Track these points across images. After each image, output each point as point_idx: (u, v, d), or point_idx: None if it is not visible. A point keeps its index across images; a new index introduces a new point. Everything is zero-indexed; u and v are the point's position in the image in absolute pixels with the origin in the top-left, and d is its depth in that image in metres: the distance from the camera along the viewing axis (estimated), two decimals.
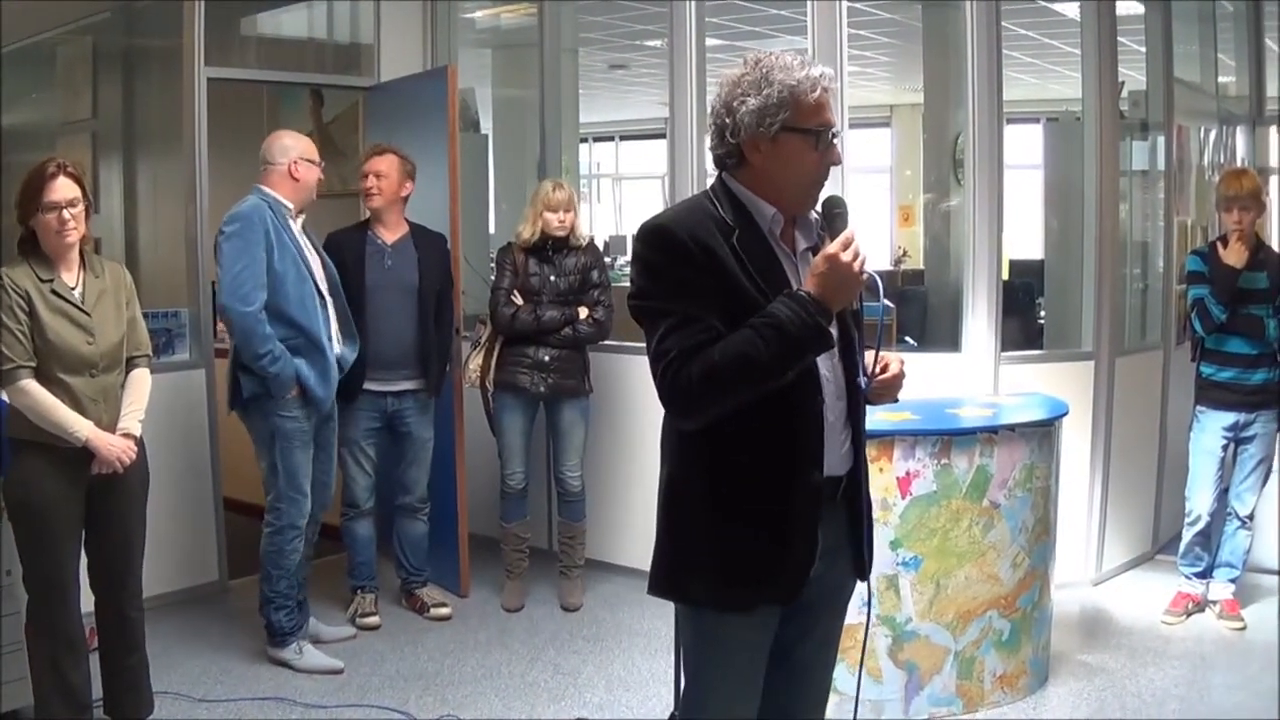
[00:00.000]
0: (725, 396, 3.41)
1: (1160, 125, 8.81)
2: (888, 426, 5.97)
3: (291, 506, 6.76)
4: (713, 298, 3.41)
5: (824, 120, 3.47)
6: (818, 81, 3.45)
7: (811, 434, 3.54)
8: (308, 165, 6.79)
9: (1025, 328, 9.25)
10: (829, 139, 3.49)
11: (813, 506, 3.55)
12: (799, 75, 3.43)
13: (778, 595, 3.60)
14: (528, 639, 7.35)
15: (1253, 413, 7.27)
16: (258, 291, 6.47)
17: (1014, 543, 6.15)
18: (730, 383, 3.37)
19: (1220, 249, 7.25)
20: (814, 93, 3.44)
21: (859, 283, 3.36)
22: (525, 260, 7.59)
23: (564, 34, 9.83)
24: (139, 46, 9.06)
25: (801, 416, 3.52)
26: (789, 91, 3.42)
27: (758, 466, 3.54)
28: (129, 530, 5.64)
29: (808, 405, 3.51)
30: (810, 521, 3.56)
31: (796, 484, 3.53)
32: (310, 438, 6.77)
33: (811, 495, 3.55)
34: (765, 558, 3.56)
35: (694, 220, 3.51)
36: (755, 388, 3.38)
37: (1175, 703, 6.32)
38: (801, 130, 3.45)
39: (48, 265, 5.32)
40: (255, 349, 6.46)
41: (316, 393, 6.62)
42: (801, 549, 3.56)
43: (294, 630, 6.91)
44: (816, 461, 3.55)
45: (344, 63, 9.40)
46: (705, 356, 3.36)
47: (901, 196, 20.16)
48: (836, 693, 6.06)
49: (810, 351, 3.38)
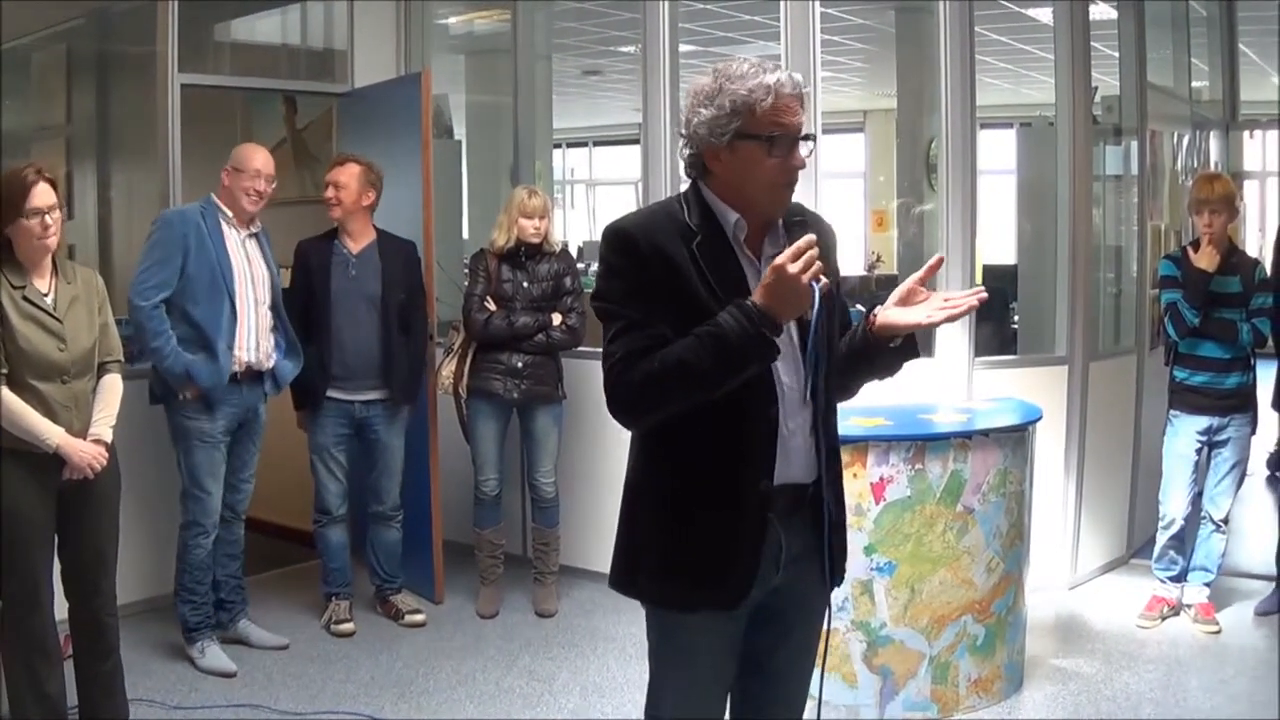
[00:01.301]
0: (664, 402, 3.46)
1: (1133, 130, 8.83)
2: (861, 432, 5.99)
3: (194, 504, 6.86)
4: (663, 303, 3.43)
5: (780, 126, 3.44)
6: (771, 88, 3.41)
7: (762, 442, 3.53)
8: (234, 173, 6.84)
9: (999, 332, 9.24)
10: (787, 144, 3.45)
11: (759, 514, 3.55)
12: (751, 84, 3.42)
13: (720, 600, 3.59)
14: (502, 645, 7.34)
15: (1226, 416, 7.29)
16: (158, 290, 6.64)
17: (988, 547, 6.16)
18: (668, 389, 3.41)
19: (1192, 253, 7.27)
20: (766, 99, 3.41)
21: (807, 295, 3.30)
22: (498, 266, 7.58)
23: (537, 40, 9.84)
24: (113, 52, 9.04)
25: (753, 424, 3.51)
26: (740, 101, 3.41)
27: (707, 471, 3.57)
28: (102, 536, 5.63)
29: (760, 413, 3.50)
30: (756, 529, 3.55)
31: (744, 491, 3.53)
32: (215, 439, 6.83)
33: (758, 503, 3.54)
34: (709, 562, 3.58)
35: (655, 224, 3.54)
36: (695, 395, 3.40)
37: (1150, 706, 6.33)
38: (754, 137, 3.44)
39: (20, 272, 5.30)
40: (148, 342, 6.65)
41: (203, 385, 6.68)
42: (747, 556, 3.56)
43: (198, 627, 6.96)
44: (766, 470, 3.54)
45: (317, 69, 9.39)
46: (648, 361, 3.40)
47: (875, 201, 20.22)
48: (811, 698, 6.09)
49: (752, 362, 3.33)
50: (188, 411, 6.74)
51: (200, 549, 6.88)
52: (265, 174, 6.88)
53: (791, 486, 3.59)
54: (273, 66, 9.52)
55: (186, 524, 6.88)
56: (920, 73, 9.14)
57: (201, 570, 6.92)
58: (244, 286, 6.82)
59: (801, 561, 3.66)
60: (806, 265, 3.26)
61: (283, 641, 7.30)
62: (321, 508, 7.57)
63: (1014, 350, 8.91)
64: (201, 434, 6.77)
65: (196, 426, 6.76)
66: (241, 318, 6.79)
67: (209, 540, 6.90)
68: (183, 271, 6.63)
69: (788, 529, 3.60)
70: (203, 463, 6.81)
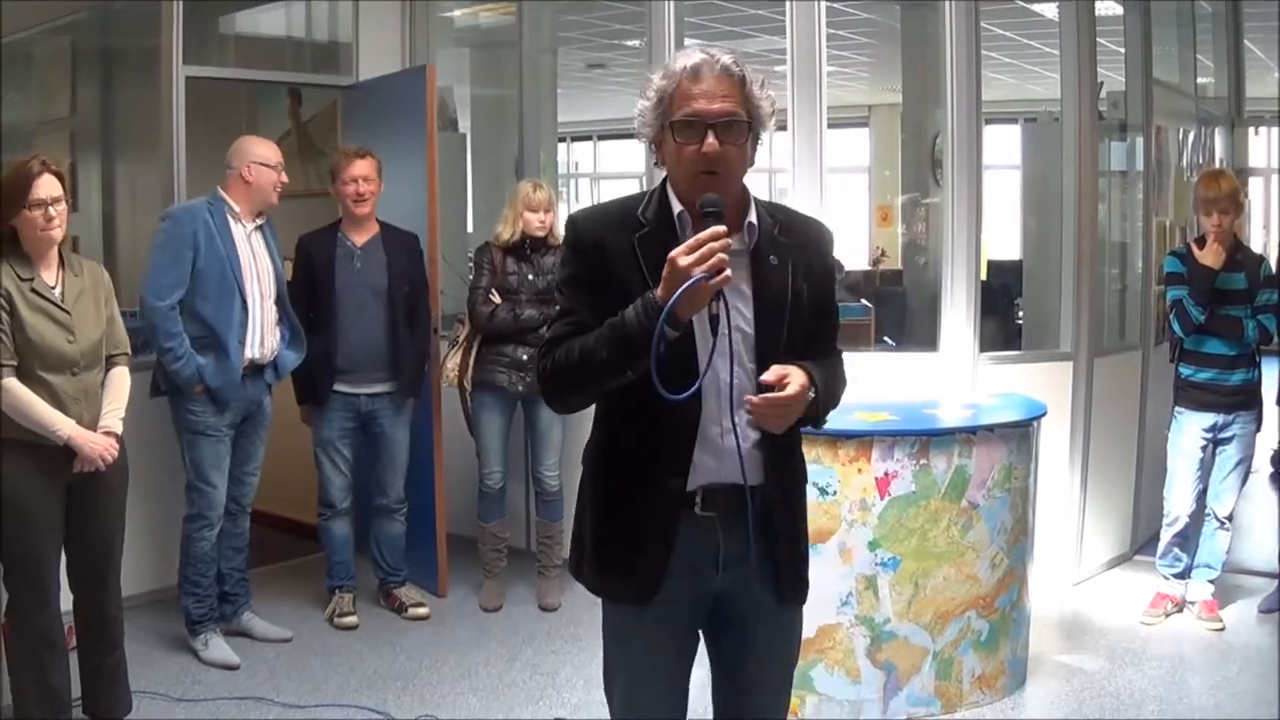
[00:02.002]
0: (575, 389, 3.56)
1: (1139, 126, 8.83)
2: (866, 427, 5.98)
3: (198, 497, 6.87)
4: (591, 292, 3.48)
5: (692, 112, 3.38)
6: (677, 75, 3.40)
7: (678, 440, 3.51)
8: (260, 168, 6.83)
9: (1003, 328, 9.24)
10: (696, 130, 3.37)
11: (670, 512, 3.54)
12: (670, 73, 3.43)
13: (631, 594, 3.63)
14: (506, 638, 7.34)
15: (1231, 414, 7.29)
16: (172, 289, 6.63)
17: (992, 543, 6.16)
18: (575, 377, 3.49)
19: (1197, 250, 7.26)
20: (678, 86, 3.40)
21: (704, 289, 3.22)
22: (503, 259, 7.58)
23: (542, 33, 9.83)
24: (117, 45, 9.04)
25: (672, 421, 3.48)
26: (661, 90, 3.43)
27: (628, 465, 3.61)
28: (109, 529, 5.65)
29: (679, 411, 3.43)
30: (666, 527, 3.55)
31: (656, 489, 3.54)
32: (220, 432, 6.84)
33: (668, 502, 3.54)
34: (622, 556, 3.63)
35: (606, 214, 3.62)
36: (596, 383, 3.44)
37: (1154, 703, 6.33)
38: (669, 126, 3.43)
39: (27, 264, 5.31)
40: (160, 343, 6.63)
41: (214, 388, 6.69)
42: (655, 554, 3.56)
43: (202, 620, 6.98)
44: (678, 468, 3.52)
45: (322, 62, 9.38)
46: (564, 349, 3.49)
47: (879, 196, 20.19)
48: (814, 693, 6.09)
49: (646, 354, 3.26)
50: (192, 405, 6.73)
51: (204, 541, 6.88)
52: (282, 165, 6.93)
53: (726, 487, 3.52)
54: (278, 59, 9.52)
55: (191, 517, 6.89)
56: (925, 68, 9.13)
57: (206, 563, 6.92)
58: (251, 284, 6.82)
59: (738, 567, 3.59)
60: (702, 258, 3.20)
61: (286, 634, 7.30)
62: (326, 501, 7.57)
63: (1019, 346, 8.92)
64: (206, 427, 6.77)
65: (201, 420, 6.76)
66: (250, 315, 6.81)
67: (213, 533, 6.91)
68: (192, 268, 6.63)
69: (727, 531, 3.55)
70: (207, 456, 6.81)
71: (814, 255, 3.63)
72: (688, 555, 3.58)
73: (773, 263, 3.52)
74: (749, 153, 3.48)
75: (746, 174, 3.54)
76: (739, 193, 3.53)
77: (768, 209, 3.62)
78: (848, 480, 5.95)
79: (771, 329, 3.50)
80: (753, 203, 3.56)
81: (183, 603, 6.99)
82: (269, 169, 6.84)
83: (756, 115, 3.44)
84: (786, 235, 3.56)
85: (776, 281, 3.51)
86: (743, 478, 3.50)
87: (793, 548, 3.72)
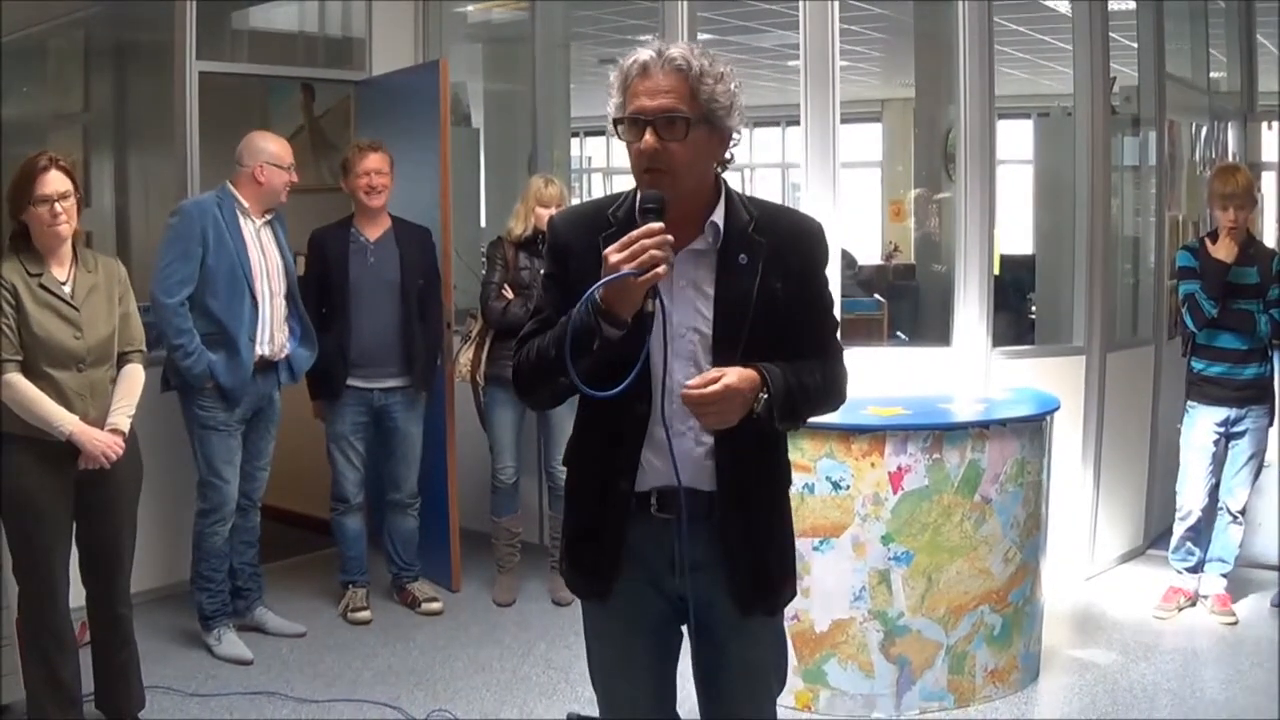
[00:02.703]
0: (537, 384, 3.58)
1: (1151, 120, 8.82)
2: (879, 421, 5.98)
3: (210, 492, 6.87)
4: (561, 292, 3.48)
5: (631, 109, 3.33)
6: (628, 73, 3.34)
7: (627, 442, 3.51)
8: (273, 170, 6.84)
9: (1016, 322, 9.24)
10: (634, 128, 3.33)
11: (619, 514, 3.55)
12: (622, 70, 3.36)
13: (589, 591, 3.73)
14: (519, 634, 7.36)
15: (1244, 408, 7.29)
16: (182, 285, 6.62)
17: (1005, 537, 6.16)
18: (534, 373, 3.52)
19: (1210, 244, 7.26)
20: (627, 84, 3.34)
21: (634, 286, 3.19)
22: (515, 254, 7.58)
23: (555, 28, 9.85)
24: (130, 40, 9.04)
25: (624, 422, 3.49)
26: (619, 90, 3.37)
27: (586, 465, 3.68)
28: (118, 526, 5.64)
29: (628, 412, 3.44)
30: (616, 528, 3.57)
31: (608, 489, 3.57)
32: (230, 427, 6.84)
33: (616, 504, 3.56)
34: (581, 553, 3.71)
35: (580, 215, 3.64)
36: (554, 379, 3.39)
37: (1167, 697, 6.33)
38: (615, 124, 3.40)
39: (38, 260, 5.32)
40: (171, 340, 6.63)
41: (225, 385, 6.69)
42: (608, 554, 3.59)
43: (215, 615, 6.99)
44: (626, 471, 3.52)
45: (335, 56, 9.40)
46: (529, 346, 3.53)
47: (892, 191, 20.11)
48: (828, 687, 6.09)
49: (587, 351, 3.27)
50: (202, 401, 6.74)
51: (217, 536, 6.90)
52: (293, 163, 6.94)
53: (687, 491, 3.44)
54: (291, 54, 9.54)
55: (202, 512, 6.89)
56: (938, 62, 9.13)
57: (218, 558, 6.94)
58: (260, 280, 6.83)
59: (704, 573, 3.55)
60: (633, 255, 3.17)
61: (299, 629, 7.32)
62: (339, 496, 7.58)
63: (1032, 340, 8.92)
64: (216, 422, 6.77)
65: (211, 415, 6.76)
66: (260, 311, 6.82)
67: (225, 528, 6.92)
68: (202, 264, 6.64)
69: (692, 535, 3.48)
70: (218, 451, 6.81)
71: (794, 253, 3.51)
72: (642, 556, 3.59)
73: (741, 261, 3.44)
74: (703, 149, 3.37)
75: (707, 170, 3.44)
76: (700, 190, 3.45)
77: (749, 205, 3.53)
78: (861, 475, 5.95)
79: (730, 329, 3.43)
80: (724, 200, 3.49)
81: (196, 598, 7.00)
82: (280, 170, 6.84)
83: (707, 110, 3.33)
84: (763, 233, 3.47)
85: (742, 281, 3.43)
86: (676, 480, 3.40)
87: (752, 557, 3.60)
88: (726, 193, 3.50)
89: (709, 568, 3.54)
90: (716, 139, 3.39)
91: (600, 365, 3.29)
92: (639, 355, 3.27)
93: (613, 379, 3.26)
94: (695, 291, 3.42)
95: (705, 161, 3.41)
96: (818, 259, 3.60)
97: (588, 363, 3.27)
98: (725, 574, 3.56)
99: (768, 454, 3.64)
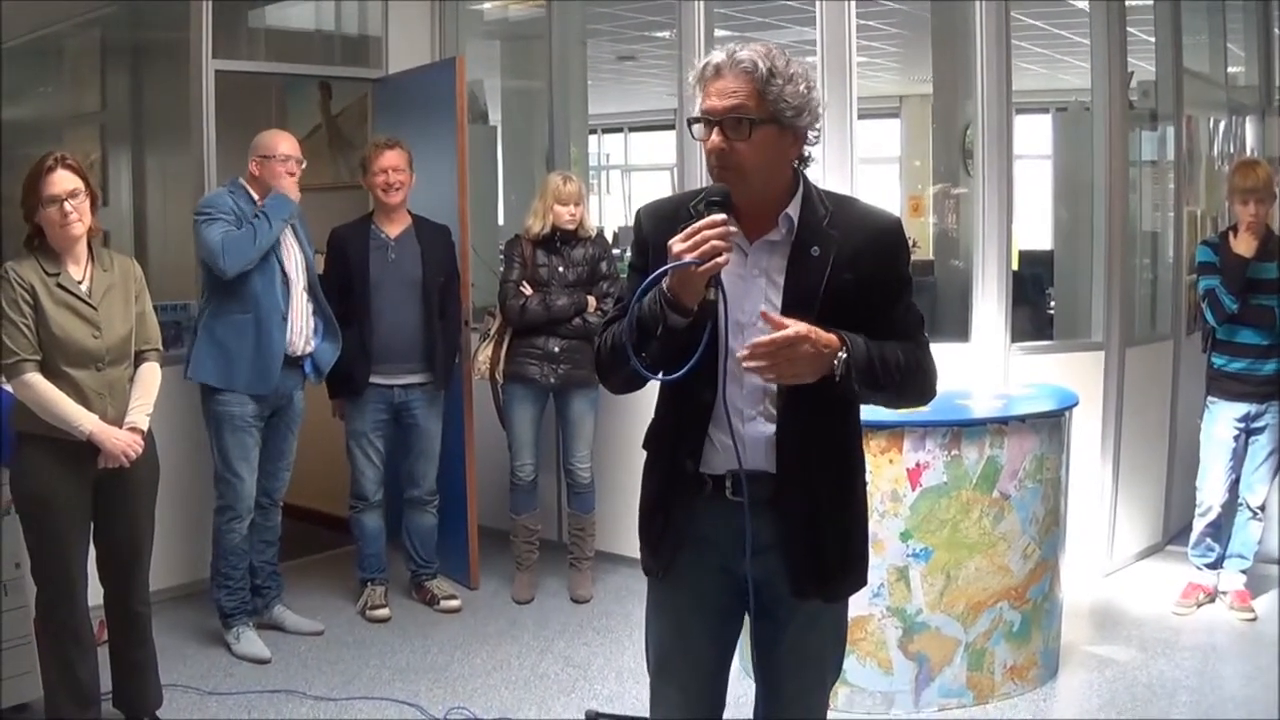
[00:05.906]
0: (611, 370, 3.70)
1: (1170, 115, 8.81)
2: (897, 418, 5.95)
3: (225, 489, 6.89)
4: (639, 281, 3.50)
5: (701, 109, 3.47)
6: (702, 75, 3.46)
7: (692, 425, 3.62)
8: (262, 161, 6.84)
9: (1035, 318, 9.21)
10: (703, 128, 3.47)
11: (683, 494, 3.66)
12: (697, 73, 3.48)
13: (651, 567, 3.83)
14: (538, 631, 7.36)
15: (1264, 403, 7.26)
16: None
17: (1024, 534, 6.14)
18: (610, 359, 3.66)
19: (1230, 239, 7.24)
20: (701, 85, 3.46)
21: (694, 274, 3.30)
22: (533, 252, 7.58)
23: (572, 26, 9.83)
24: (147, 39, 9.05)
25: (688, 406, 3.61)
26: (696, 89, 3.49)
27: (657, 447, 3.81)
28: (137, 525, 5.65)
29: (694, 396, 3.57)
30: (679, 508, 3.70)
31: (673, 471, 3.68)
32: (247, 424, 6.83)
33: (682, 485, 3.66)
34: (646, 530, 3.82)
35: (662, 208, 3.72)
36: (625, 365, 3.46)
37: (1186, 694, 6.31)
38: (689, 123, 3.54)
39: (54, 259, 5.33)
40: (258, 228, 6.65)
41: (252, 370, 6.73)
42: (670, 533, 3.71)
43: (234, 613, 7.01)
44: (692, 453, 3.63)
45: (352, 55, 9.40)
46: (608, 333, 3.68)
47: (910, 187, 20.06)
48: (846, 684, 6.08)
49: (653, 338, 3.41)
50: (221, 395, 6.74)
51: (235, 534, 6.91)
52: (295, 156, 6.91)
53: (759, 474, 3.54)
54: (307, 52, 9.54)
55: (220, 509, 6.91)
56: (956, 58, 9.09)
57: (237, 556, 6.94)
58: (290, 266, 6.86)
59: (766, 557, 3.61)
60: (694, 245, 3.28)
61: (318, 627, 7.33)
62: (358, 493, 7.58)
63: (1050, 336, 8.89)
64: (233, 418, 6.78)
65: (226, 411, 6.77)
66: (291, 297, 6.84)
67: (243, 525, 6.93)
68: None
69: (756, 517, 3.53)
70: (234, 446, 6.81)
71: (868, 247, 3.56)
72: (708, 536, 3.66)
73: (813, 253, 3.51)
74: (771, 147, 3.45)
75: (778, 167, 3.52)
76: (773, 185, 3.54)
77: (825, 200, 3.60)
78: (879, 471, 5.94)
79: (799, 318, 3.43)
80: (801, 194, 3.57)
81: (215, 596, 7.02)
82: (273, 160, 6.82)
83: (774, 111, 3.40)
84: (836, 227, 3.54)
85: (812, 272, 3.50)
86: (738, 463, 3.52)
87: (809, 541, 3.63)
88: (805, 187, 3.59)
89: (772, 550, 3.61)
90: (789, 137, 3.48)
91: (671, 351, 3.41)
92: (702, 342, 3.37)
93: (681, 365, 3.38)
94: (767, 281, 3.54)
95: (775, 159, 3.50)
96: (893, 253, 3.66)
97: (655, 349, 3.41)
98: (782, 557, 3.62)
99: (835, 439, 3.69)
